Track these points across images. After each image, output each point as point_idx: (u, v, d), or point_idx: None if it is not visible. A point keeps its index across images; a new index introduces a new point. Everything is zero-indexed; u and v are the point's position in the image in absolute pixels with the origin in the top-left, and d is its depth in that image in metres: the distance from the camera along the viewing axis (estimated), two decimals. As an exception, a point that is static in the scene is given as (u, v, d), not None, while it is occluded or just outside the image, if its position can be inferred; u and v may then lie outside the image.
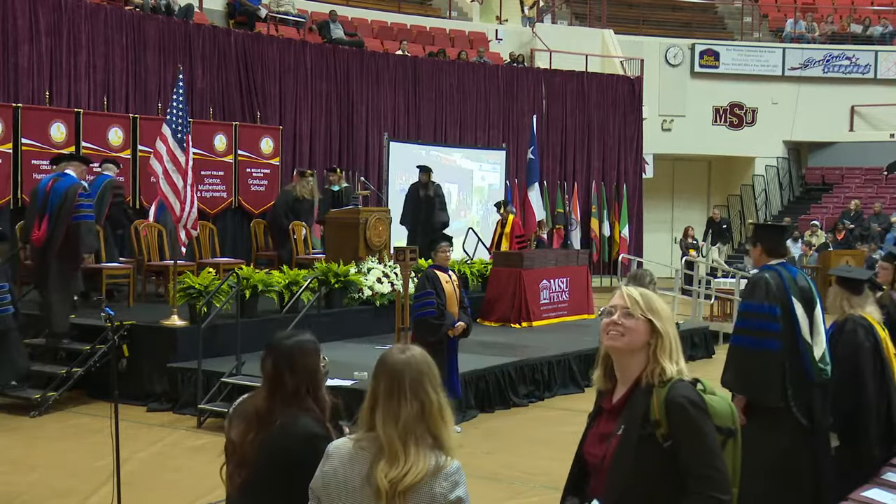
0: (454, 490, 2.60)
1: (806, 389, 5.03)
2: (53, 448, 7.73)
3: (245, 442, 3.04)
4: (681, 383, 2.73)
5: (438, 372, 2.73)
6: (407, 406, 2.60)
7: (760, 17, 25.64)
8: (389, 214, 12.47)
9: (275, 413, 3.03)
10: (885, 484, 4.48)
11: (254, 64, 15.15)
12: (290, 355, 3.09)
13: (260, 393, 3.10)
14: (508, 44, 21.15)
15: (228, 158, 13.76)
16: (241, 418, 3.12)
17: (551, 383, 10.06)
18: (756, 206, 23.63)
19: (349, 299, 10.90)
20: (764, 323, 5.10)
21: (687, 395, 2.71)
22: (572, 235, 19.40)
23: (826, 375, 5.06)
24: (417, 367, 2.65)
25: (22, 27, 12.23)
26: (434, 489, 2.57)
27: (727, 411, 2.77)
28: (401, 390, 2.61)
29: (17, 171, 11.46)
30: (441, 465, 2.59)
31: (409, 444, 2.57)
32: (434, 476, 2.58)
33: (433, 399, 2.63)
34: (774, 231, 5.60)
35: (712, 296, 15.15)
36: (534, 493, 6.77)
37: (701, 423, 2.68)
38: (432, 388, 2.65)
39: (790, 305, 5.07)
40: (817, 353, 5.06)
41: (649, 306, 2.78)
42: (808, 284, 5.20)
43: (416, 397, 2.61)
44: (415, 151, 16.35)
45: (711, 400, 2.75)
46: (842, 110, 23.68)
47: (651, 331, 2.75)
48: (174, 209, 9.24)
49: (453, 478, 2.60)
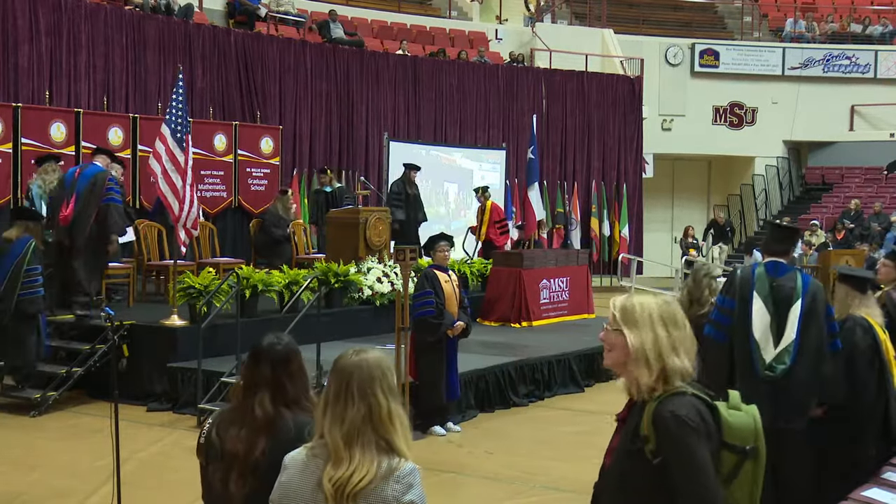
0: (407, 492, 2.54)
1: (753, 385, 5.04)
2: (53, 448, 7.73)
3: (255, 450, 3.00)
4: (675, 396, 2.60)
5: (395, 378, 2.66)
6: (353, 408, 2.54)
7: (760, 16, 25.64)
8: (389, 214, 12.47)
9: (281, 419, 3.03)
10: (885, 484, 4.48)
11: (254, 64, 15.15)
12: (286, 360, 3.09)
13: (259, 399, 3.05)
14: (508, 44, 21.15)
15: (228, 158, 13.76)
16: (240, 427, 3.06)
17: (551, 383, 10.06)
18: (756, 206, 23.64)
19: (349, 299, 10.90)
20: (719, 315, 5.29)
21: (674, 409, 2.57)
22: (572, 235, 19.39)
23: (773, 373, 5.08)
24: (368, 370, 2.59)
25: (22, 27, 12.24)
26: (386, 492, 2.52)
27: (747, 429, 2.62)
28: (348, 392, 2.56)
29: (17, 171, 11.46)
30: (393, 468, 2.54)
31: (353, 447, 2.52)
32: (385, 479, 2.52)
33: (382, 403, 2.56)
34: (774, 230, 5.63)
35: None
36: (534, 493, 6.77)
37: (685, 438, 2.55)
38: (382, 392, 2.57)
39: (748, 301, 5.15)
40: (771, 351, 5.09)
41: (624, 318, 2.68)
42: (793, 284, 5.17)
43: (363, 400, 2.55)
44: (415, 151, 16.35)
45: (730, 415, 2.62)
46: (842, 110, 23.69)
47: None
48: (173, 209, 9.24)
49: (406, 480, 2.54)
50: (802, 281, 5.21)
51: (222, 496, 3.05)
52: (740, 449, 2.60)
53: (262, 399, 3.04)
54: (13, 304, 8.63)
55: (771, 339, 5.11)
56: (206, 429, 3.15)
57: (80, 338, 9.44)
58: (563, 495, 6.63)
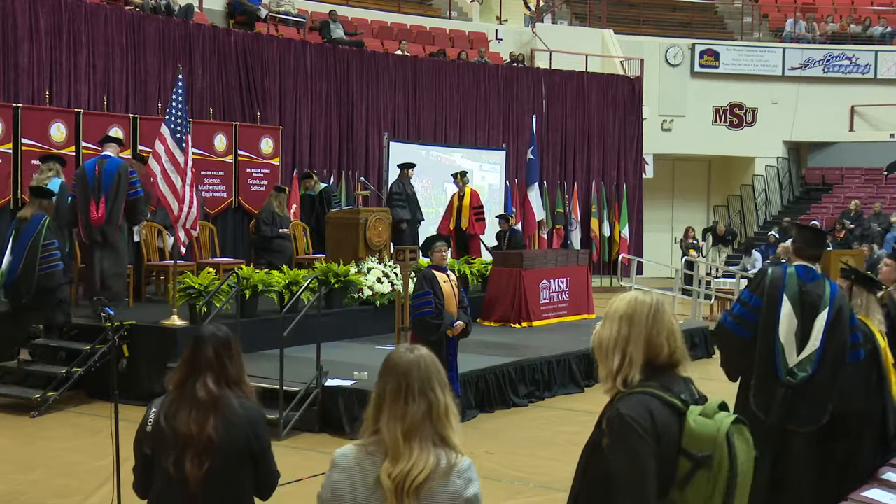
0: (468, 487, 2.61)
1: (769, 385, 5.09)
2: (53, 448, 7.73)
3: (206, 429, 3.16)
4: (633, 395, 2.64)
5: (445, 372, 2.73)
6: (414, 405, 2.58)
7: (760, 17, 25.64)
8: (389, 214, 12.47)
9: (224, 398, 3.22)
10: (885, 484, 4.48)
11: (254, 64, 15.15)
12: (227, 344, 3.30)
13: (203, 381, 3.23)
14: (508, 44, 21.15)
15: (228, 158, 13.76)
16: (188, 409, 3.20)
17: (551, 383, 10.06)
18: (756, 206, 23.64)
19: (349, 299, 10.90)
20: (745, 311, 5.26)
21: (623, 408, 2.61)
22: (572, 235, 19.39)
23: (793, 379, 5.07)
24: (426, 366, 2.64)
25: (22, 27, 12.23)
26: (449, 488, 2.57)
27: (707, 437, 2.57)
28: (409, 390, 2.59)
29: (17, 171, 11.46)
30: (453, 463, 2.59)
31: (412, 443, 2.56)
32: (447, 475, 2.58)
33: (440, 399, 2.62)
34: (806, 232, 5.56)
35: (712, 296, 15.15)
36: (534, 493, 6.77)
37: (625, 438, 2.58)
38: (440, 387, 2.63)
39: (777, 303, 5.12)
40: (795, 356, 5.08)
41: (604, 312, 2.81)
42: (822, 291, 5.15)
43: (423, 397, 2.59)
44: (415, 151, 16.35)
45: (695, 422, 2.60)
46: (842, 110, 23.68)
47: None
48: (172, 209, 9.24)
49: (466, 475, 2.61)
50: (830, 289, 5.19)
51: (177, 479, 3.16)
52: (697, 456, 2.56)
53: (206, 381, 3.23)
54: (34, 281, 8.92)
55: (795, 345, 5.10)
56: (152, 418, 3.28)
57: (80, 338, 9.44)
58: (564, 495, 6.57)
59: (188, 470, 3.15)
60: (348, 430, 8.10)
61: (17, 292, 9.04)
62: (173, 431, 3.20)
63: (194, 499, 3.19)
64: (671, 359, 2.72)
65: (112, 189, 9.83)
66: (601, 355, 2.76)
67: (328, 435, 8.20)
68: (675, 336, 2.73)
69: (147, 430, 3.29)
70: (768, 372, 5.11)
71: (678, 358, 2.74)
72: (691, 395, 2.70)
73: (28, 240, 8.94)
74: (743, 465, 2.60)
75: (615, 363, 2.71)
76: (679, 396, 2.65)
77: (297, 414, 8.17)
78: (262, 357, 9.21)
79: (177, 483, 3.18)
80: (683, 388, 2.70)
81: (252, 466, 3.30)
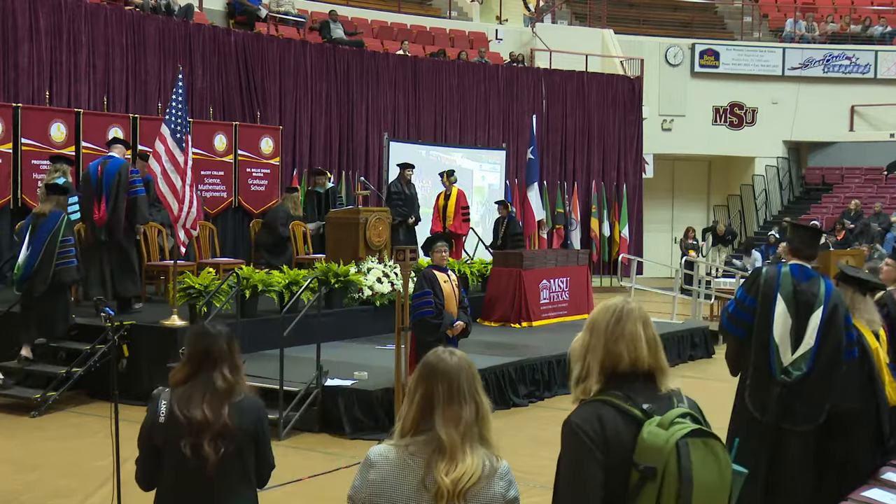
0: (510, 489, 2.68)
1: (764, 384, 5.10)
2: (53, 448, 7.73)
3: (222, 416, 3.36)
4: (589, 403, 2.64)
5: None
6: (466, 408, 2.64)
7: (760, 16, 25.63)
8: (390, 214, 12.47)
9: (236, 388, 3.45)
10: (885, 484, 4.48)
11: (254, 64, 15.15)
12: (232, 338, 3.53)
13: (220, 371, 3.43)
14: (508, 44, 21.15)
15: (228, 158, 13.76)
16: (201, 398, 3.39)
17: (551, 383, 10.05)
18: (756, 206, 23.64)
19: (349, 299, 10.90)
20: (739, 311, 5.28)
21: (574, 415, 2.64)
22: (572, 235, 19.40)
23: (788, 378, 5.07)
24: (470, 370, 2.71)
25: (22, 27, 12.24)
26: (493, 489, 2.63)
27: (655, 449, 2.51)
28: (460, 393, 2.65)
29: (17, 171, 11.47)
30: (495, 466, 2.66)
31: (466, 446, 2.61)
32: (490, 477, 2.64)
33: (484, 401, 2.70)
34: (802, 231, 5.54)
35: (712, 296, 15.14)
36: (534, 493, 6.76)
37: (569, 445, 2.62)
38: (482, 390, 2.72)
39: (772, 302, 5.13)
40: (789, 355, 5.09)
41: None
42: (817, 290, 5.15)
43: (472, 400, 2.66)
44: (415, 151, 16.35)
45: (648, 433, 2.53)
46: (842, 110, 23.68)
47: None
48: (172, 209, 9.24)
49: (508, 477, 2.68)
50: (825, 288, 5.18)
51: (194, 465, 3.34)
52: (643, 468, 2.52)
53: (223, 371, 3.44)
54: (50, 275, 9.03)
55: (789, 343, 5.10)
56: (164, 409, 3.43)
57: (80, 338, 9.44)
58: (563, 495, 6.61)
59: (206, 453, 3.33)
60: (348, 430, 8.10)
61: (32, 286, 9.10)
62: (188, 419, 3.36)
63: (209, 483, 3.36)
64: (634, 367, 2.65)
65: (112, 189, 9.91)
66: (571, 363, 2.76)
67: (328, 435, 8.20)
68: (638, 344, 2.65)
69: (160, 422, 3.42)
70: (763, 371, 5.12)
71: (643, 366, 2.66)
72: (665, 406, 2.61)
73: (46, 235, 9.04)
74: (705, 480, 2.50)
75: (576, 371, 2.72)
76: (640, 406, 2.59)
77: (297, 414, 8.17)
78: (262, 357, 9.20)
79: (193, 468, 3.35)
80: (649, 398, 2.62)
81: (255, 451, 3.49)
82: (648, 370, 2.67)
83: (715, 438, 2.57)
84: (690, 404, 2.71)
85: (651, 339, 2.69)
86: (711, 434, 2.58)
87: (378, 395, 8.21)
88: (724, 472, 2.56)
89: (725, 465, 2.57)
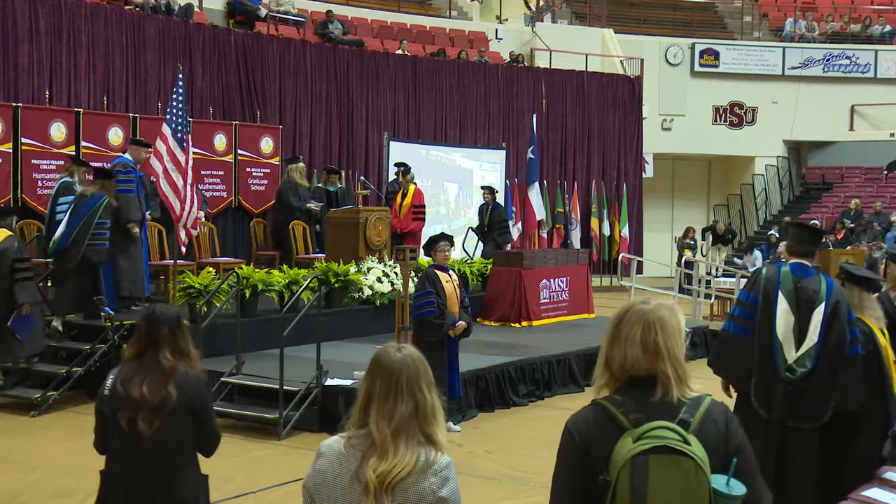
0: (443, 486, 2.63)
1: (769, 382, 5.10)
2: (53, 448, 7.73)
3: (160, 394, 3.66)
4: (590, 405, 2.64)
5: (431, 371, 2.75)
6: (402, 405, 2.63)
7: (760, 16, 25.63)
8: (389, 214, 12.47)
9: (177, 367, 3.73)
10: (885, 483, 4.47)
11: (254, 64, 15.14)
12: (178, 320, 3.81)
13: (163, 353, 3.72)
14: (508, 43, 21.15)
15: (228, 158, 13.76)
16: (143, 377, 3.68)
17: (551, 383, 10.06)
18: (756, 206, 23.64)
19: (349, 299, 10.90)
20: (743, 311, 5.28)
21: (570, 418, 2.65)
22: (572, 235, 19.39)
23: (792, 375, 5.07)
24: (414, 366, 2.68)
25: (22, 27, 12.23)
26: (423, 485, 2.60)
27: (615, 460, 2.47)
28: (397, 389, 2.65)
29: (17, 171, 11.47)
30: (431, 461, 2.62)
31: (399, 441, 2.61)
32: (423, 472, 2.60)
33: (427, 398, 2.66)
34: (801, 230, 5.54)
35: (712, 295, 15.15)
36: (534, 493, 6.77)
37: (560, 446, 2.62)
38: (426, 387, 2.68)
39: (773, 300, 5.14)
40: (794, 352, 5.09)
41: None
42: (818, 287, 5.16)
43: (411, 396, 2.64)
44: (415, 151, 16.35)
45: (619, 444, 2.50)
46: (842, 110, 23.68)
47: None
48: (174, 208, 9.24)
49: (443, 473, 2.63)
50: (826, 285, 5.18)
51: (130, 436, 3.67)
52: (601, 476, 2.50)
53: (165, 353, 3.73)
54: (80, 252, 9.29)
55: (793, 341, 5.10)
56: (109, 384, 3.76)
57: (80, 338, 9.45)
58: (564, 495, 6.62)
59: (140, 427, 3.64)
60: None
61: (65, 259, 9.40)
62: (127, 395, 3.68)
63: (145, 453, 3.67)
64: (632, 372, 2.60)
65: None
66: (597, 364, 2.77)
67: (328, 434, 8.13)
68: (629, 348, 2.60)
69: (105, 394, 3.77)
70: (768, 369, 5.12)
71: (640, 372, 2.60)
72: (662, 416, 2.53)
73: (84, 215, 9.36)
74: (669, 499, 2.43)
75: (595, 371, 2.72)
76: (629, 414, 2.53)
77: (297, 413, 8.17)
78: (262, 357, 9.21)
79: (130, 440, 3.68)
80: (645, 407, 2.55)
81: (194, 426, 3.76)
82: (649, 376, 2.60)
83: (689, 457, 2.46)
84: (714, 412, 2.61)
85: (651, 344, 2.59)
86: (685, 453, 2.46)
87: (378, 394, 8.20)
88: (698, 492, 2.45)
89: (698, 486, 2.45)
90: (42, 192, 11.40)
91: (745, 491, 2.54)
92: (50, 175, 11.36)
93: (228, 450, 7.77)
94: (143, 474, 3.70)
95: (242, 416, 8.39)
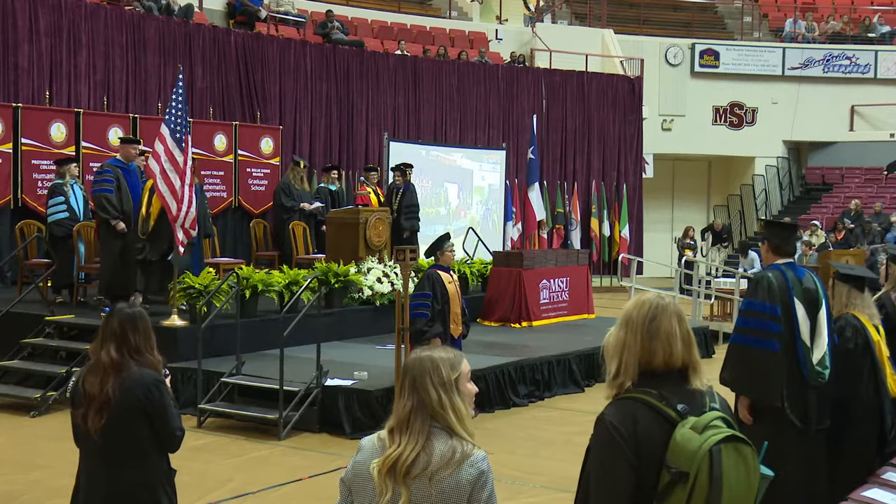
0: (480, 479, 2.67)
1: (801, 391, 5.02)
2: (53, 448, 7.73)
3: (105, 389, 3.75)
4: (623, 400, 2.64)
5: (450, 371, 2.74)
6: (403, 401, 2.71)
7: (760, 16, 25.64)
8: (390, 214, 12.46)
9: (125, 364, 3.79)
10: (885, 484, 4.47)
11: (254, 64, 15.15)
12: (132, 318, 3.87)
13: (107, 348, 3.81)
14: (508, 44, 21.15)
15: (228, 158, 13.77)
16: (95, 374, 3.80)
17: (551, 383, 10.06)
18: (756, 206, 23.63)
19: (349, 299, 10.90)
20: (764, 323, 5.06)
21: (607, 412, 2.63)
22: (572, 235, 19.40)
23: (823, 379, 5.04)
24: (421, 365, 2.73)
25: (22, 27, 12.24)
26: (459, 476, 2.63)
27: (686, 453, 2.50)
28: (402, 387, 2.74)
29: (17, 171, 11.48)
30: (466, 454, 2.64)
31: (402, 435, 2.67)
32: (459, 465, 2.63)
33: (432, 395, 2.68)
34: (782, 229, 5.50)
35: (712, 295, 15.14)
36: (534, 493, 6.77)
37: (599, 442, 2.63)
38: (433, 385, 2.69)
39: (791, 306, 5.04)
40: (816, 355, 5.04)
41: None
42: (814, 286, 5.15)
43: (414, 393, 2.70)
44: (415, 151, 16.35)
45: (681, 436, 2.53)
46: (842, 110, 23.68)
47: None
48: (171, 209, 9.23)
49: (478, 465, 2.66)
50: (818, 282, 5.18)
51: (84, 431, 3.83)
52: (676, 471, 2.51)
53: (109, 348, 3.81)
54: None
55: (811, 345, 5.05)
56: (74, 381, 3.93)
57: (80, 338, 9.44)
58: (563, 495, 6.62)
59: (90, 423, 3.78)
60: (348, 429, 8.11)
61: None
62: (82, 391, 3.83)
63: (98, 447, 3.83)
64: (668, 365, 2.65)
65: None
66: (607, 359, 2.75)
67: (328, 434, 8.20)
68: (673, 341, 2.65)
69: (70, 391, 3.97)
70: (797, 377, 5.00)
71: (678, 364, 2.66)
72: (698, 405, 2.60)
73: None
74: (735, 485, 2.51)
75: (613, 367, 2.71)
76: (675, 406, 2.58)
77: (297, 414, 8.17)
78: (262, 357, 9.21)
79: (84, 434, 3.85)
80: (684, 398, 2.61)
81: (148, 422, 3.82)
82: (682, 367, 2.67)
83: (746, 443, 2.57)
84: (722, 402, 2.71)
85: (685, 335, 2.68)
86: (743, 439, 2.57)
87: (378, 395, 8.21)
88: (753, 477, 2.57)
89: (754, 471, 2.58)
90: (42, 193, 11.41)
91: (773, 474, 2.68)
92: (50, 175, 11.37)
93: (228, 450, 7.79)
94: (95, 469, 3.89)
95: (242, 416, 8.39)
